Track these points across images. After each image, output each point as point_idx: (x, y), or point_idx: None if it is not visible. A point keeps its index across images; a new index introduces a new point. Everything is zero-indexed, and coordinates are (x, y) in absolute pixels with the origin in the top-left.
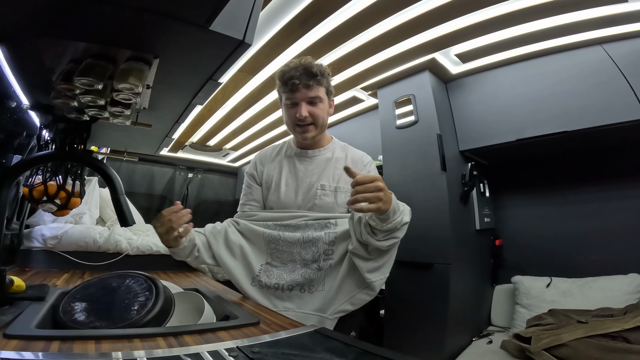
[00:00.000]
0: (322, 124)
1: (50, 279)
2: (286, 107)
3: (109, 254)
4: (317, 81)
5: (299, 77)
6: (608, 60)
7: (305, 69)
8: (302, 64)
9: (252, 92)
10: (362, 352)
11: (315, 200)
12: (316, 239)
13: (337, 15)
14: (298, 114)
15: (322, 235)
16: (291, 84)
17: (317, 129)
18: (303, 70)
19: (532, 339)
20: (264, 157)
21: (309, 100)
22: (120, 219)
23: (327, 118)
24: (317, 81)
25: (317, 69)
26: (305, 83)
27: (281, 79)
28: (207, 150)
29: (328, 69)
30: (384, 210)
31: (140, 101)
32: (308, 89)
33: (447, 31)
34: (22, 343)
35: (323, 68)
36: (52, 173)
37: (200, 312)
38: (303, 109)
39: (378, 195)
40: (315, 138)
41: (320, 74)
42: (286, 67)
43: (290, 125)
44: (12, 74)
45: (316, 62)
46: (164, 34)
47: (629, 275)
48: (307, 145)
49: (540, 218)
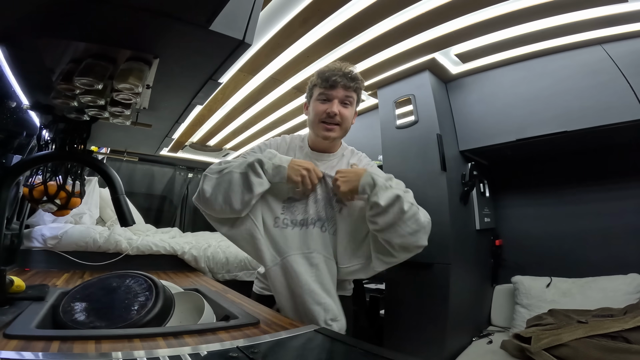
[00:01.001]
0: (346, 127)
1: (50, 279)
2: (317, 101)
3: (109, 254)
4: (356, 86)
5: (341, 77)
6: (608, 60)
7: (348, 73)
8: (345, 68)
9: (252, 92)
10: (362, 352)
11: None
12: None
13: (337, 15)
14: (330, 110)
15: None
16: (332, 81)
17: (341, 131)
18: (346, 73)
19: (532, 339)
20: (275, 146)
21: (343, 100)
22: (120, 219)
23: (349, 125)
24: (356, 86)
25: (358, 77)
26: (346, 84)
27: (322, 75)
28: (207, 150)
29: (364, 83)
30: (348, 192)
31: (140, 101)
32: (346, 90)
33: (447, 31)
34: (22, 343)
35: (361, 78)
36: (52, 173)
37: (200, 312)
38: (335, 105)
39: (337, 183)
40: (336, 141)
41: (359, 82)
42: (328, 67)
43: (316, 120)
44: (12, 74)
45: (358, 72)
46: (164, 34)
47: (629, 275)
48: (320, 148)
49: (540, 218)
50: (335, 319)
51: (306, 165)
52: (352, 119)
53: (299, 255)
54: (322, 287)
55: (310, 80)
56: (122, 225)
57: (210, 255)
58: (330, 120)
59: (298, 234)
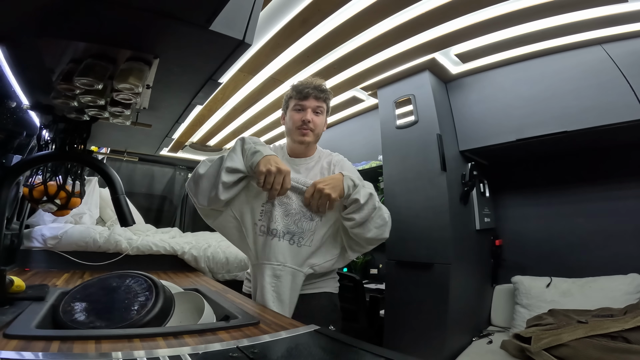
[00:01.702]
0: (318, 133)
1: (50, 279)
2: (293, 111)
3: (109, 254)
4: (325, 98)
5: (312, 89)
6: (608, 61)
7: (318, 86)
8: (316, 82)
9: (252, 92)
10: (362, 352)
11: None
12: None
13: (337, 15)
14: (304, 117)
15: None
16: (305, 92)
17: (314, 136)
18: (317, 86)
19: (532, 339)
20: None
21: (315, 109)
22: (120, 219)
23: (320, 131)
24: (325, 98)
25: (326, 89)
26: (317, 95)
27: (296, 88)
28: (207, 150)
29: (332, 93)
30: (337, 197)
31: (140, 101)
32: (317, 100)
33: (447, 31)
34: (22, 343)
35: (330, 91)
36: (52, 173)
37: (200, 312)
38: (309, 113)
39: (320, 195)
40: (310, 145)
41: (328, 93)
42: (301, 82)
43: (293, 127)
44: (12, 74)
45: (325, 84)
46: (164, 34)
47: (629, 275)
48: (298, 154)
49: (540, 218)
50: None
51: (280, 166)
52: (324, 126)
53: (268, 266)
54: (277, 297)
55: (285, 94)
56: (122, 225)
57: (210, 255)
58: (305, 126)
59: (270, 244)
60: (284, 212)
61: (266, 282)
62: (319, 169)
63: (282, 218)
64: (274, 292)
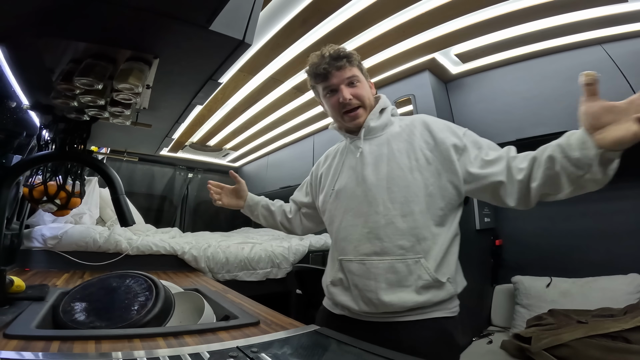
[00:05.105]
0: (370, 104)
1: (50, 279)
2: (326, 98)
3: (109, 254)
4: (349, 62)
5: (328, 64)
6: (608, 60)
7: (334, 56)
8: (326, 53)
9: (252, 92)
10: (362, 352)
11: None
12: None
13: (337, 16)
14: (341, 99)
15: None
16: (323, 70)
17: (367, 109)
18: (332, 57)
19: (532, 339)
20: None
21: (347, 81)
22: (120, 219)
23: (372, 98)
24: (349, 62)
25: (344, 52)
26: (336, 65)
27: (311, 72)
28: (207, 150)
29: (356, 53)
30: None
31: (140, 101)
32: (341, 70)
33: (447, 31)
34: (22, 343)
35: (350, 51)
36: (52, 173)
37: (200, 312)
38: (344, 91)
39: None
40: (366, 117)
41: (350, 55)
42: (312, 62)
43: (337, 115)
44: (12, 74)
45: (341, 46)
46: (164, 34)
47: (629, 275)
48: (365, 133)
49: (540, 218)
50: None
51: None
52: (370, 90)
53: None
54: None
55: (308, 83)
56: (122, 225)
57: (210, 255)
58: (349, 107)
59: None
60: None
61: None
62: (407, 134)
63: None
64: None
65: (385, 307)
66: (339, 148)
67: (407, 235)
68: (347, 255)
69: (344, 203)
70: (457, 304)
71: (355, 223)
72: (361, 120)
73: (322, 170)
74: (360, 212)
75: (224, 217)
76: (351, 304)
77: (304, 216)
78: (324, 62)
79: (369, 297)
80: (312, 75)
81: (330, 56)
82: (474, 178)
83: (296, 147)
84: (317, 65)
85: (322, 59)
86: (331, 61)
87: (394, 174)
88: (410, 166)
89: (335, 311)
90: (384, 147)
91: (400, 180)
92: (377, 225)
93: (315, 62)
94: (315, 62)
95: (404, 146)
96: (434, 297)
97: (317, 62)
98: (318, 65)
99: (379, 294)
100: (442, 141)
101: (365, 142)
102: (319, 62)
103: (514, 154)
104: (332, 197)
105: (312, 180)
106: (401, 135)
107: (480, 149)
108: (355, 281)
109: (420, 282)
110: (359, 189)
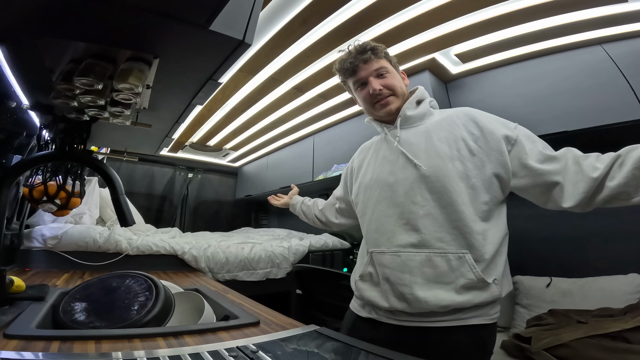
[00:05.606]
0: (402, 92)
1: (50, 279)
2: (358, 92)
3: (109, 254)
4: (375, 54)
5: (355, 58)
6: (608, 60)
7: (360, 50)
8: (352, 48)
9: (252, 92)
10: (362, 352)
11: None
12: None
13: (336, 16)
14: (371, 90)
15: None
16: (351, 65)
17: (399, 98)
18: (358, 51)
19: (532, 339)
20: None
21: (376, 73)
22: (120, 219)
23: (405, 87)
24: (375, 54)
25: (369, 45)
26: (362, 59)
27: (341, 70)
28: (207, 150)
29: (382, 45)
30: None
31: (140, 101)
32: (368, 63)
33: (447, 31)
34: (22, 343)
35: (376, 44)
36: (52, 173)
37: (200, 312)
38: (374, 82)
39: None
40: (400, 106)
41: (376, 47)
42: (340, 58)
43: (370, 106)
44: (12, 74)
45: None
46: (164, 34)
47: (629, 275)
48: (402, 122)
49: (540, 218)
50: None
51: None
52: (402, 80)
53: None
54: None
55: (340, 79)
56: (122, 225)
57: (210, 255)
58: (380, 97)
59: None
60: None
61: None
62: (449, 124)
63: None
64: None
65: (418, 304)
66: (374, 141)
67: (448, 228)
68: (379, 247)
69: (376, 193)
70: (498, 310)
71: (389, 214)
72: (392, 107)
73: (356, 163)
74: (396, 203)
75: (224, 217)
76: (379, 301)
77: (338, 211)
78: (350, 57)
79: (402, 291)
80: (341, 71)
81: (356, 50)
82: (531, 172)
83: (296, 147)
84: (345, 60)
85: (349, 54)
86: (357, 55)
87: (432, 162)
88: (451, 155)
89: (361, 314)
90: (422, 136)
91: (439, 170)
92: (415, 216)
93: (343, 58)
94: (343, 58)
95: (445, 135)
96: (475, 298)
97: (344, 57)
98: (345, 60)
99: (413, 289)
100: (492, 132)
101: (402, 131)
102: (346, 58)
103: (580, 153)
104: (365, 188)
105: (347, 174)
106: (442, 125)
107: (534, 142)
108: (387, 274)
109: (461, 281)
110: (393, 178)
